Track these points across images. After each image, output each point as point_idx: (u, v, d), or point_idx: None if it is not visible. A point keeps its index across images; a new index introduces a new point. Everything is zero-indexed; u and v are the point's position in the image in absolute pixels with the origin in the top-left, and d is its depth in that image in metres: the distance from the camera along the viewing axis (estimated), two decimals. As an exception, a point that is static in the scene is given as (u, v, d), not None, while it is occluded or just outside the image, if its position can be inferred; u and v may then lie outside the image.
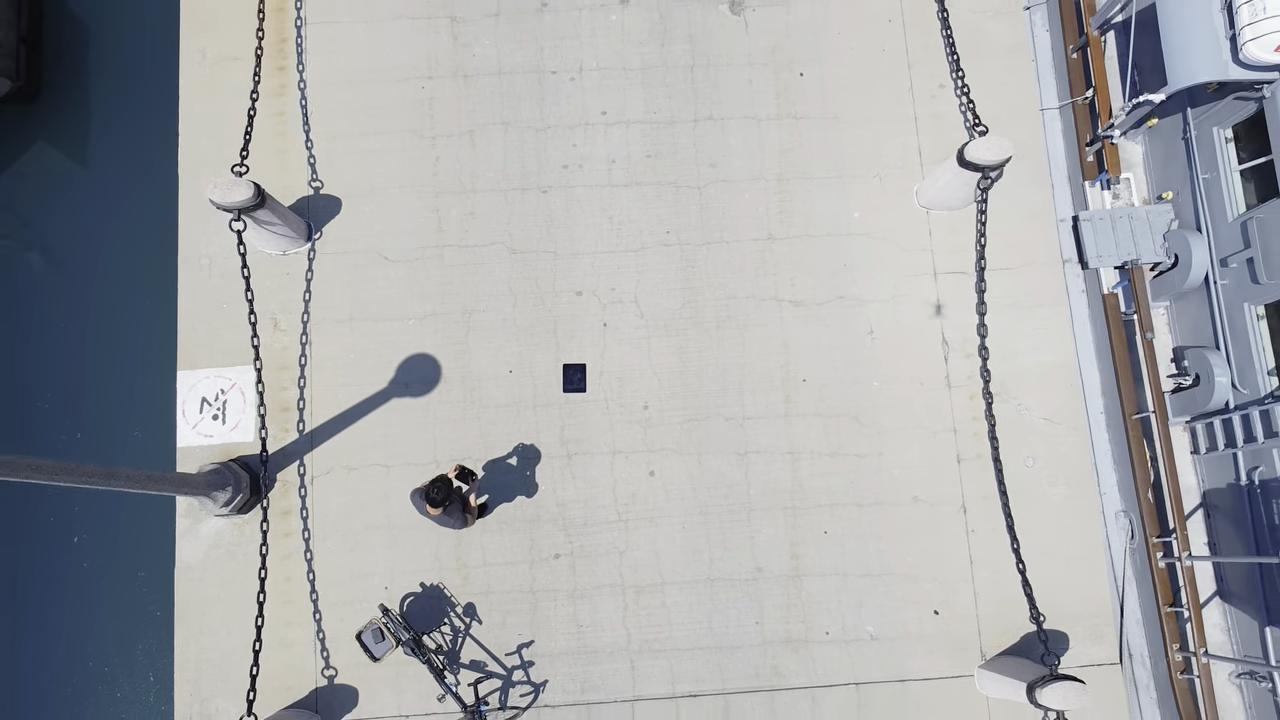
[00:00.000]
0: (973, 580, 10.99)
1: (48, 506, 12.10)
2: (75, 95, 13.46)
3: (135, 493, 10.51)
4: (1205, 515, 11.81)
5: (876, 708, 10.70)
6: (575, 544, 10.92)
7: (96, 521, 11.98)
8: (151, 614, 11.25)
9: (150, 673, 11.32)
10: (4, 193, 13.04)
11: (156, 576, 11.22)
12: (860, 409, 11.27)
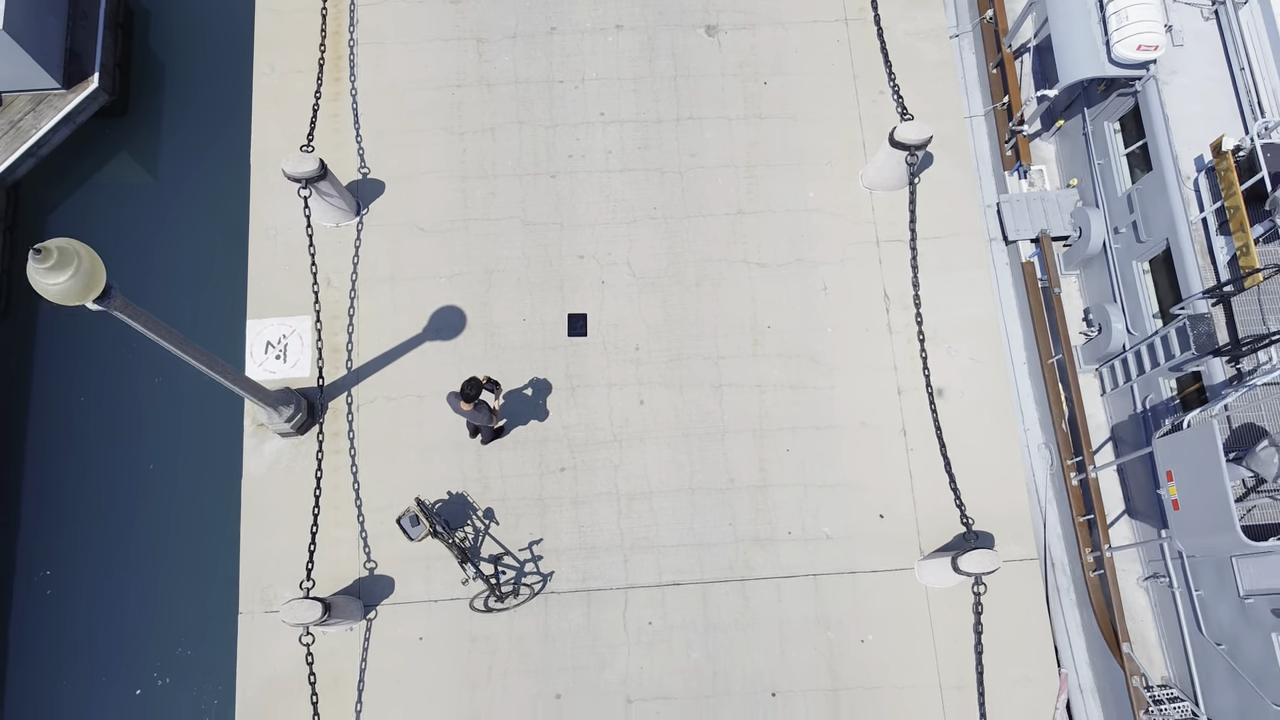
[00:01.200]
0: (912, 490, 13.06)
1: (126, 442, 14.22)
2: (158, 108, 16.00)
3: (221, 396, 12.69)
4: (1114, 446, 13.89)
5: (831, 595, 12.67)
6: (577, 460, 13.04)
7: (171, 447, 14.09)
8: (221, 520, 13.25)
9: (218, 569, 13.27)
10: (103, 189, 15.47)
11: (225, 489, 13.25)
12: (816, 350, 13.49)
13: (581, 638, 12.49)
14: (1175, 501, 11.17)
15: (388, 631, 12.48)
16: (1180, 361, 12.11)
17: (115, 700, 13.33)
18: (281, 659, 12.29)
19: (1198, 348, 11.67)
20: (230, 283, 13.45)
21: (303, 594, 11.74)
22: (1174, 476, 11.19)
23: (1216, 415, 11.42)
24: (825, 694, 12.38)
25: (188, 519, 13.83)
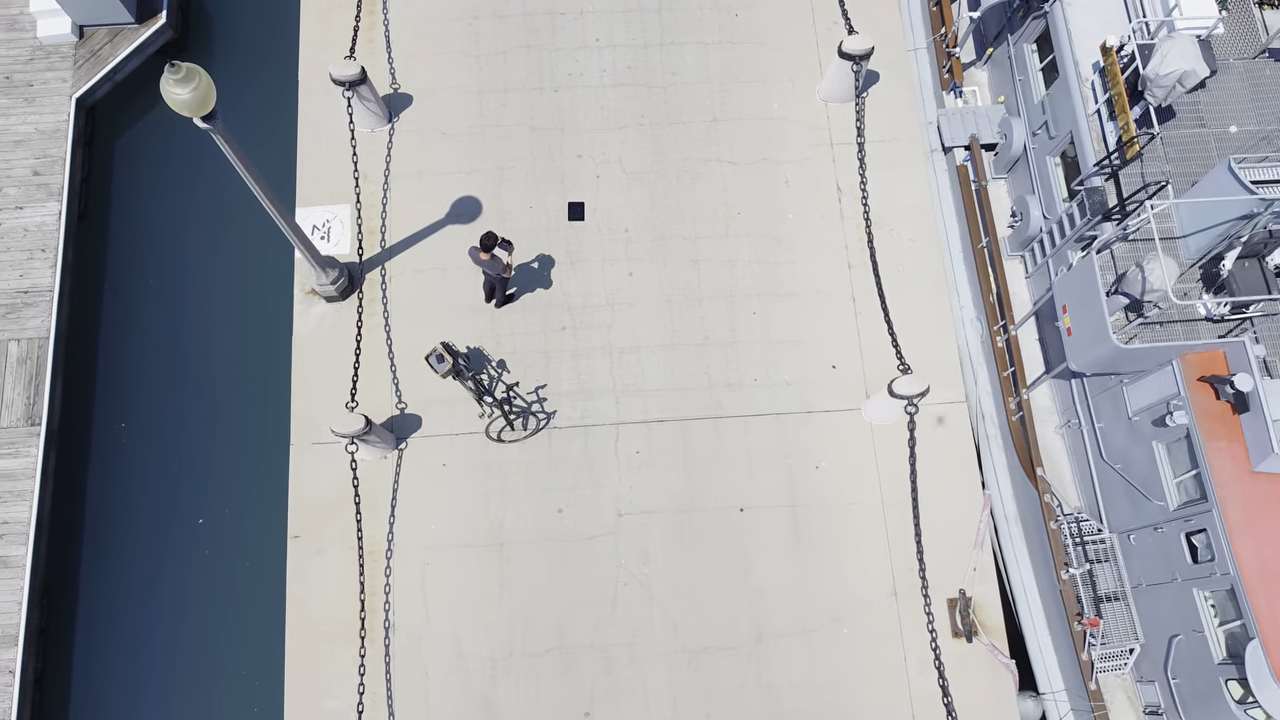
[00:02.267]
0: (859, 346, 15.41)
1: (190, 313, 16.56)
2: (215, 43, 18.47)
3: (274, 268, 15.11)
4: (1036, 321, 16.24)
5: (790, 430, 14.99)
6: (576, 320, 15.41)
7: (231, 314, 16.43)
8: (274, 373, 15.53)
9: (272, 413, 15.53)
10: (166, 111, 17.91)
11: (278, 346, 15.56)
12: (778, 232, 15.89)
13: (579, 464, 14.80)
14: (1069, 329, 13.52)
15: (416, 459, 14.79)
16: (1081, 229, 14.48)
17: (181, 530, 15.59)
18: (327, 482, 14.59)
19: (1092, 213, 14.05)
20: (282, 178, 15.80)
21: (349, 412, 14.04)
22: (1068, 309, 13.55)
23: (1100, 255, 13.75)
24: (785, 510, 14.67)
25: (245, 374, 16.16)
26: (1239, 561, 12.12)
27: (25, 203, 16.56)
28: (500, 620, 14.12)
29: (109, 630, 15.25)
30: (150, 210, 17.22)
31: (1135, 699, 14.39)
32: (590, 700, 13.87)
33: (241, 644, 14.97)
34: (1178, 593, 13.23)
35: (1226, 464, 12.45)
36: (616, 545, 14.45)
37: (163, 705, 14.88)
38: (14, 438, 15.44)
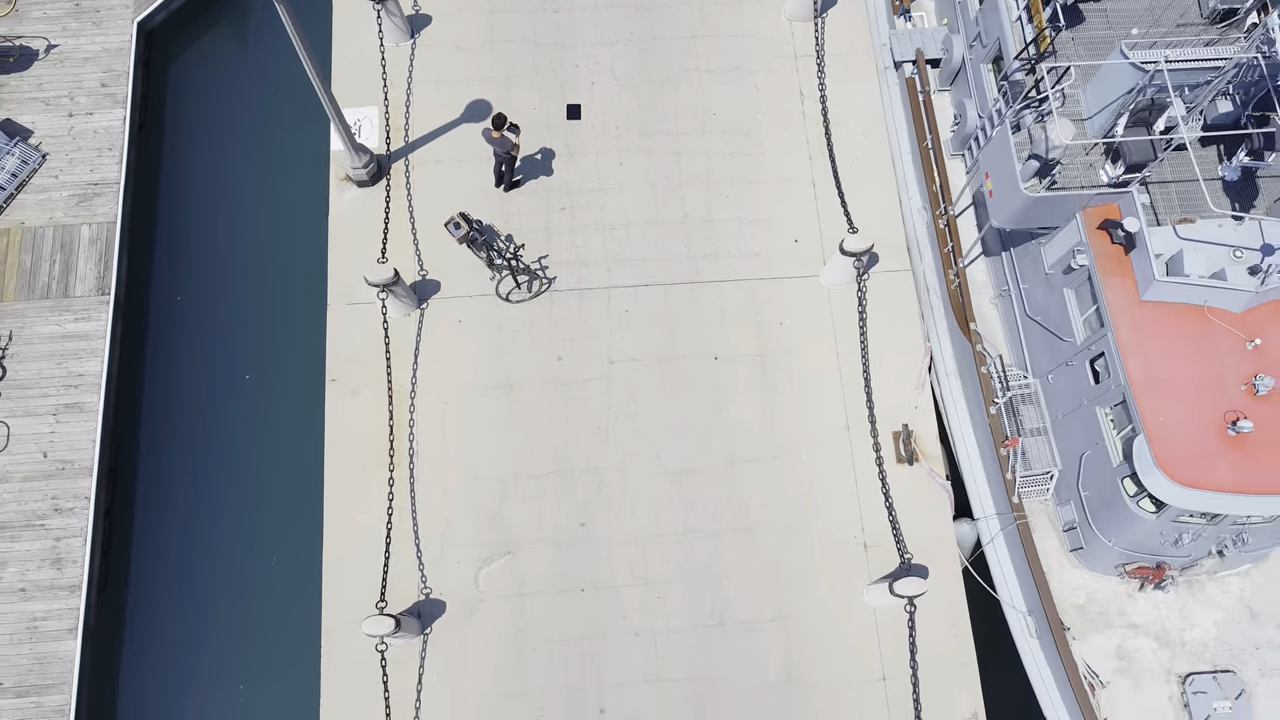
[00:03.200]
0: (818, 224, 17.85)
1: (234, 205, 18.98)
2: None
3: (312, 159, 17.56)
4: (974, 208, 18.63)
5: (758, 293, 17.39)
6: (574, 202, 17.85)
7: (272, 199, 18.83)
8: (311, 250, 17.91)
9: (308, 279, 17.89)
10: (215, 36, 20.37)
11: (316, 224, 17.95)
12: (749, 128, 18.36)
13: (576, 321, 17.20)
14: (991, 191, 15.91)
15: (436, 317, 17.18)
16: (1007, 117, 16.89)
17: (230, 384, 17.93)
18: (360, 335, 16.97)
19: (1014, 98, 16.47)
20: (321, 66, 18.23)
21: (376, 291, 16.43)
22: (990, 175, 15.96)
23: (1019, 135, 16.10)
24: (754, 358, 17.06)
25: (286, 251, 18.54)
26: (1129, 373, 14.47)
27: (94, 110, 19.01)
28: (508, 449, 16.48)
29: (169, 467, 17.59)
30: (201, 118, 19.69)
31: (1055, 520, 16.67)
32: (585, 513, 16.20)
33: (286, 475, 17.30)
34: (1085, 416, 15.56)
35: (1119, 295, 14.82)
36: (608, 387, 16.83)
37: (216, 528, 17.20)
38: (87, 305, 17.82)
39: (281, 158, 19.27)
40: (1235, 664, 15.81)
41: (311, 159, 18.78)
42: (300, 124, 19.20)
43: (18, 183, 18.40)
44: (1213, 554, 15.52)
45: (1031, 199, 14.99)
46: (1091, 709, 15.24)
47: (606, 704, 15.33)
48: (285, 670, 16.29)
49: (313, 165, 18.68)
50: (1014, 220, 15.78)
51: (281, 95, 19.81)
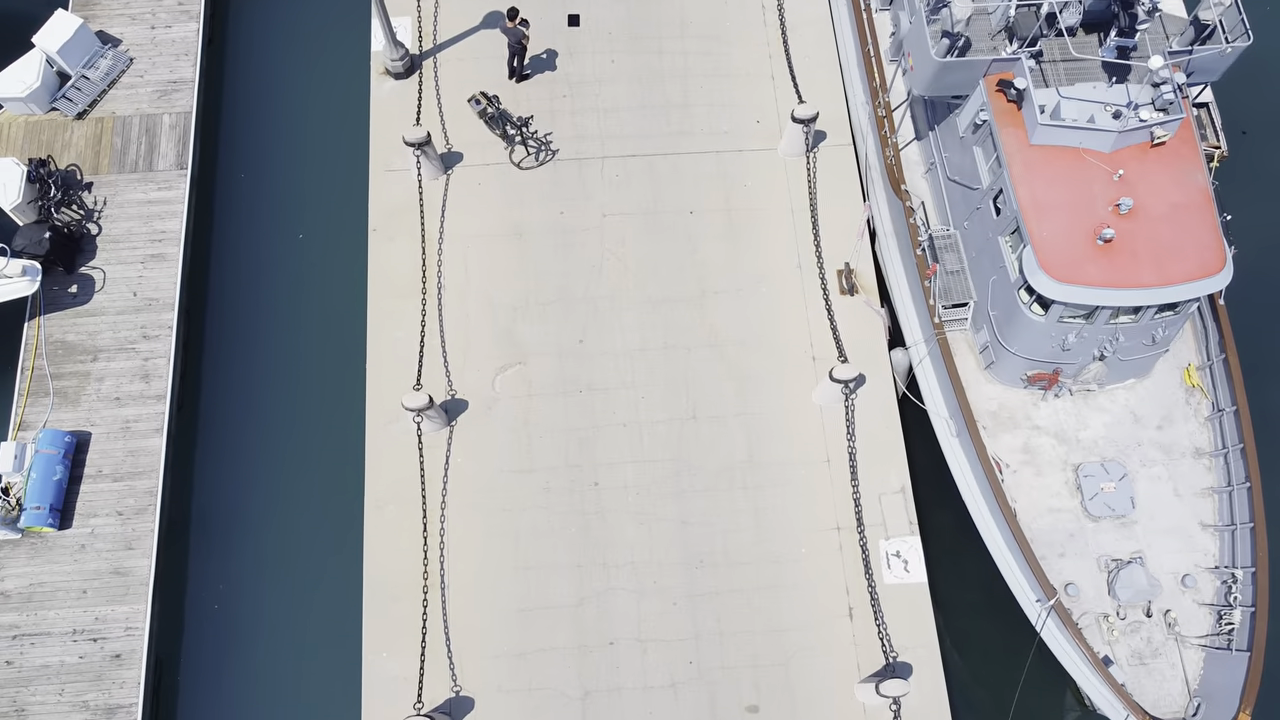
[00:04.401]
0: (776, 105, 21.51)
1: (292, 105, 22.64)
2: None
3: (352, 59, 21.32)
4: (909, 107, 22.26)
5: (725, 163, 21.00)
6: (573, 90, 21.55)
7: (320, 93, 22.50)
8: (354, 129, 21.53)
9: (349, 152, 21.49)
10: None
11: (356, 114, 21.62)
12: (719, 33, 22.17)
13: (575, 182, 20.81)
14: (911, 65, 19.52)
15: (460, 181, 20.81)
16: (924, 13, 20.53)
17: (286, 242, 21.46)
18: (398, 193, 20.54)
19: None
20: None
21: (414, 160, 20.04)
22: (910, 53, 19.58)
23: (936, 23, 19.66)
24: (722, 213, 20.69)
25: (331, 131, 22.19)
26: (1019, 200, 17.99)
27: (172, 24, 22.72)
28: (520, 282, 20.03)
29: (234, 309, 21.08)
30: (259, 32, 23.44)
31: (973, 345, 20.11)
32: (583, 332, 19.70)
33: (332, 308, 20.78)
34: (991, 247, 19.06)
35: (1012, 140, 18.39)
36: (601, 235, 20.41)
37: (272, 354, 20.63)
38: (168, 177, 21.38)
39: (329, 60, 23.00)
40: (1120, 456, 19.16)
41: (354, 60, 22.51)
42: (343, 33, 22.95)
43: (109, 80, 22.06)
44: (1096, 358, 18.95)
45: (940, 64, 18.61)
46: (1000, 489, 18.55)
47: (600, 479, 18.72)
48: (334, 457, 19.66)
49: (355, 64, 22.41)
50: (930, 86, 19.34)
51: (326, 13, 23.54)
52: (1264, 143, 23.96)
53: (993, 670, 19.11)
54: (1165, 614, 17.92)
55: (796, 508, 18.63)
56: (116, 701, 17.75)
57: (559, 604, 17.91)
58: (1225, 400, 19.24)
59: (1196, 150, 18.40)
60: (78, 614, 18.25)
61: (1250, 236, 21.29)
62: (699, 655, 17.64)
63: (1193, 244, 17.69)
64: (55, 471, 18.63)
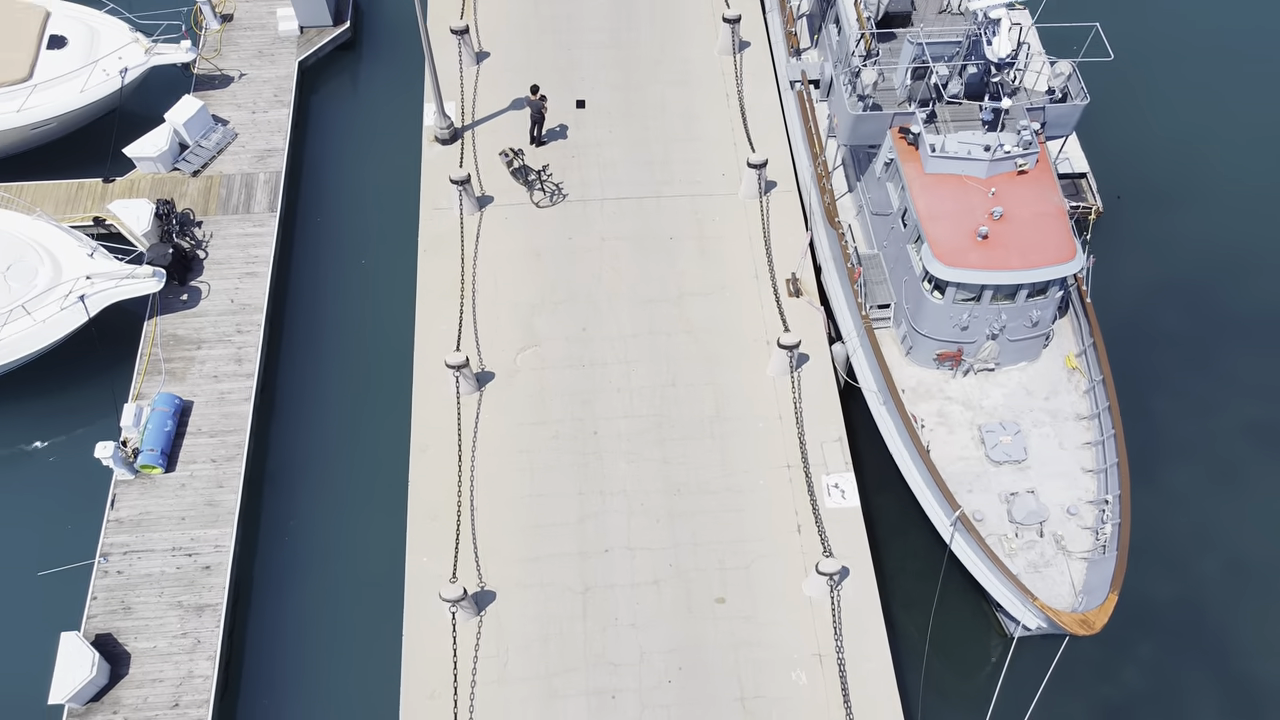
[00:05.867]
0: (737, 164, 27.54)
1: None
2: (373, 38, 31.76)
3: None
4: (844, 170, 28.38)
5: (699, 205, 26.84)
6: (580, 151, 27.73)
7: (384, 156, 28.64)
8: (408, 184, 27.50)
9: (406, 200, 27.36)
10: (344, 73, 30.94)
11: (410, 171, 27.70)
12: (692, 114, 28.52)
13: (581, 217, 26.68)
14: (837, 124, 25.62)
15: (490, 216, 26.67)
16: (839, 74, 26.89)
17: (347, 267, 27.06)
18: (444, 224, 26.31)
19: (851, 82, 26.54)
20: (414, 102, 28.69)
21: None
22: (835, 115, 25.73)
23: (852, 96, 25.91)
24: (695, 239, 26.39)
25: (390, 182, 28.21)
26: (918, 211, 23.65)
27: (269, 108, 29.26)
28: (537, 287, 25.54)
29: (310, 315, 26.50)
30: (334, 115, 29.97)
31: (895, 339, 25.30)
32: (586, 322, 25.07)
33: (388, 323, 26.16)
34: (902, 255, 24.60)
35: (912, 170, 24.26)
36: (601, 254, 26.09)
37: (341, 346, 25.86)
38: (261, 218, 27.29)
39: (389, 132, 29.53)
40: (1015, 418, 24.02)
41: (409, 131, 29.04)
42: (401, 112, 29.54)
43: (220, 148, 28.36)
44: (989, 337, 24.09)
45: (855, 116, 24.75)
46: (918, 436, 23.33)
47: (599, 429, 23.57)
48: (385, 417, 24.63)
49: (410, 134, 28.91)
50: (850, 136, 25.41)
51: (387, 98, 30.21)
52: (1134, 203, 29.92)
53: (914, 576, 23.46)
54: (1055, 535, 22.34)
55: (755, 451, 23.39)
56: (205, 602, 21.96)
57: (565, 521, 22.39)
58: (1096, 375, 24.27)
59: (1053, 176, 24.25)
60: (176, 535, 22.71)
61: (1117, 271, 27.21)
62: (677, 560, 21.97)
63: (1050, 241, 23.24)
64: (166, 424, 23.53)
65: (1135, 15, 33.46)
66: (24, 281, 24.08)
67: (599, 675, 20.70)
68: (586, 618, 21.26)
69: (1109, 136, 30.78)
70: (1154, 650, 23.21)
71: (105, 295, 24.11)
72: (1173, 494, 25.34)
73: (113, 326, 25.17)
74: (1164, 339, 27.61)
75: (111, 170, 27.70)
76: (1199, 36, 33.19)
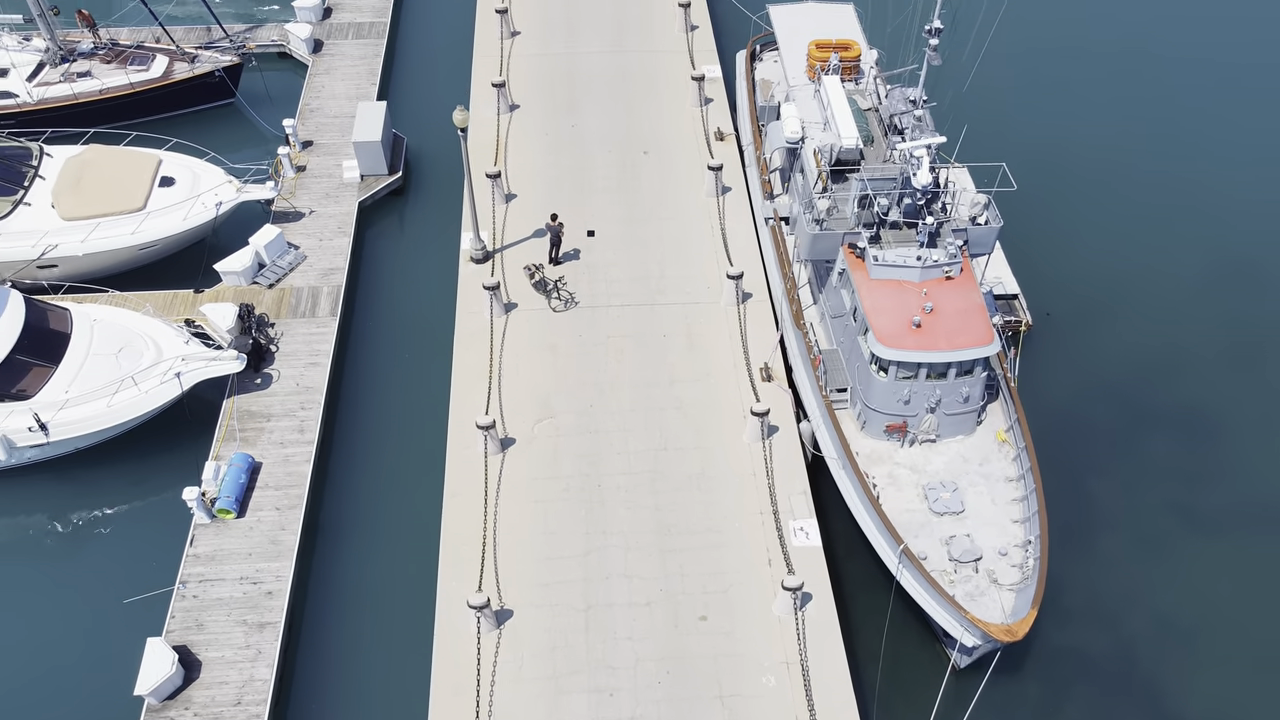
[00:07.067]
0: (720, 280, 33.22)
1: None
2: (420, 185, 38.25)
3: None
4: (810, 288, 34.10)
5: (688, 310, 32.33)
6: (590, 269, 33.47)
7: (427, 280, 34.36)
8: (446, 295, 33.08)
9: (444, 306, 32.84)
10: (393, 215, 37.26)
11: (448, 284, 33.40)
12: (682, 240, 34.53)
13: (590, 319, 32.06)
14: (799, 245, 31.43)
15: (515, 318, 32.13)
16: (801, 206, 32.85)
17: (391, 359, 32.28)
18: (476, 323, 31.74)
19: (817, 216, 32.58)
20: (452, 225, 34.91)
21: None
22: (797, 236, 31.61)
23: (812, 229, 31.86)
24: (684, 336, 31.73)
25: (430, 294, 33.81)
26: (864, 307, 29.06)
27: (334, 237, 35.44)
28: (552, 373, 30.67)
29: (362, 395, 31.54)
30: (388, 245, 36.11)
31: (852, 417, 30.14)
32: (593, 399, 30.02)
33: (422, 402, 31.18)
34: (855, 346, 29.85)
35: (860, 276, 29.84)
36: (607, 348, 31.40)
37: (389, 421, 30.76)
38: (323, 321, 32.85)
39: (431, 256, 35.51)
40: (954, 479, 28.57)
41: (447, 255, 34.92)
42: (440, 239, 35.57)
43: (292, 267, 34.29)
44: (928, 410, 28.94)
45: (812, 235, 30.58)
46: (871, 493, 27.86)
47: (602, 482, 28.15)
48: (422, 476, 29.19)
49: (448, 256, 34.82)
50: (809, 252, 31.17)
51: (431, 228, 36.43)
52: (1061, 319, 35.37)
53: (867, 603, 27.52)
54: (988, 571, 26.50)
55: (733, 500, 27.86)
56: (266, 620, 25.97)
57: (572, 554, 26.63)
58: (1021, 445, 28.97)
59: (974, 281, 29.79)
60: (244, 567, 26.95)
61: (1048, 375, 32.67)
62: (666, 585, 26.05)
63: (971, 329, 28.54)
64: (240, 479, 28.20)
65: (1045, 155, 40.13)
66: (133, 360, 29.37)
67: (599, 677, 24.41)
68: (589, 631, 25.16)
69: (1038, 262, 36.62)
70: (1078, 688, 26.80)
71: (196, 372, 29.33)
72: (1098, 559, 29.38)
73: (200, 401, 30.29)
74: (1090, 431, 32.36)
75: (202, 283, 33.58)
76: (1104, 173, 39.72)
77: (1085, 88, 43.66)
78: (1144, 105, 43.01)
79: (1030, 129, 41.32)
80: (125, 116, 38.91)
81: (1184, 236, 37.72)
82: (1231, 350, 34.24)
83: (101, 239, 32.67)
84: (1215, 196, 39.26)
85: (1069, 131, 41.49)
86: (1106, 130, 41.77)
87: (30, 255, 32.38)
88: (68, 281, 32.59)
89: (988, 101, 41.73)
